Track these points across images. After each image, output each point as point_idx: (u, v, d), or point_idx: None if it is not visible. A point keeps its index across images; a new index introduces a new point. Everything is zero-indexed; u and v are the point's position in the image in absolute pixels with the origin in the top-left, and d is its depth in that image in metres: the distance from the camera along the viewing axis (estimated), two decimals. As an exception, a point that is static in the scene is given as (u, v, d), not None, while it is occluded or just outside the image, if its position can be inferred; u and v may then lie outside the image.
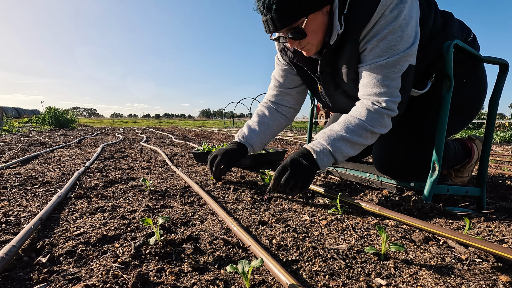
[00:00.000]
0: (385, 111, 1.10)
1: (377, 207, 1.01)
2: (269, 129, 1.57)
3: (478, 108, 1.39)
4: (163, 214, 1.05)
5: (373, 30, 1.07)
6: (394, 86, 1.08)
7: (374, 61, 1.09)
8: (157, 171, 1.92)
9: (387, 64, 1.07)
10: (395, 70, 1.07)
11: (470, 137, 1.54)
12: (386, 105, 1.09)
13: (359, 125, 1.12)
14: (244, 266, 0.58)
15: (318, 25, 1.11)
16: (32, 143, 3.75)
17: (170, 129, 10.79)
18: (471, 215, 1.09)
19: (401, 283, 0.61)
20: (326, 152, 1.13)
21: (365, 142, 1.14)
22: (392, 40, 1.05)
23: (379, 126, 1.11)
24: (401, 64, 1.07)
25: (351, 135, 1.12)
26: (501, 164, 2.62)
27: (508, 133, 6.60)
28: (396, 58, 1.05)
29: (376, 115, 1.10)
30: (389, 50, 1.06)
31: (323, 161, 1.13)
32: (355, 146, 1.14)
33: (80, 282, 0.61)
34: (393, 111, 1.10)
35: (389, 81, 1.08)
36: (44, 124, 10.26)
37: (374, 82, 1.10)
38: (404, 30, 1.04)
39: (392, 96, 1.09)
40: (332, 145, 1.12)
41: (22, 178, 1.64)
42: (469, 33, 1.31)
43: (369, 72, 1.11)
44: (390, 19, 1.03)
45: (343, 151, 1.12)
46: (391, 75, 1.08)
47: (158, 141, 4.54)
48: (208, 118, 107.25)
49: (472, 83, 1.31)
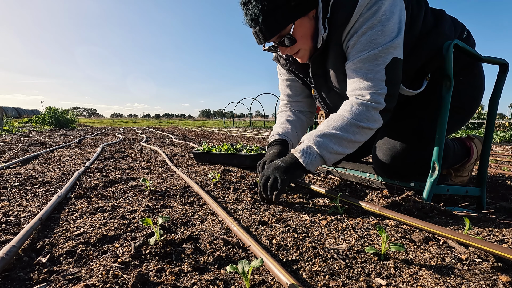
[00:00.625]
0: (370, 103, 1.07)
1: (377, 207, 1.01)
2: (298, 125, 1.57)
3: (476, 106, 1.39)
4: (163, 214, 1.05)
5: (353, 28, 1.08)
6: (378, 78, 1.07)
7: (356, 57, 1.09)
8: (157, 171, 1.92)
9: (369, 57, 1.06)
10: (378, 62, 1.06)
11: (469, 136, 1.54)
12: (370, 97, 1.07)
13: (343, 121, 1.10)
14: (244, 266, 0.58)
15: (306, 30, 1.13)
16: (32, 143, 3.75)
17: (170, 129, 10.79)
18: (471, 215, 1.09)
19: (401, 283, 0.61)
20: (310, 148, 1.12)
21: (353, 138, 1.10)
22: (372, 34, 1.05)
23: (365, 120, 1.09)
24: (384, 56, 1.05)
25: (336, 130, 1.10)
26: (501, 164, 2.62)
27: (508, 133, 6.60)
28: (377, 51, 1.05)
29: (361, 108, 1.08)
30: (370, 44, 1.06)
31: (307, 158, 1.11)
32: (342, 142, 1.11)
33: (80, 282, 0.61)
34: (379, 103, 1.07)
35: (372, 74, 1.07)
36: (44, 124, 10.26)
37: (358, 77, 1.10)
38: (385, 24, 1.04)
39: (376, 88, 1.07)
40: (316, 141, 1.10)
41: (22, 178, 1.64)
42: (463, 29, 1.30)
43: (352, 68, 1.11)
44: (368, 15, 1.05)
45: (328, 147, 1.10)
46: (374, 67, 1.07)
47: (158, 141, 4.54)
48: (208, 118, 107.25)
49: (470, 81, 1.31)
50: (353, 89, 1.12)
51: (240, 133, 7.97)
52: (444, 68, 1.13)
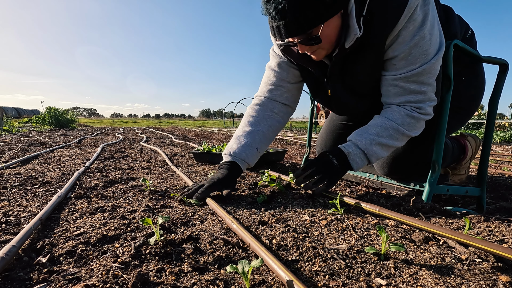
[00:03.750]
0: (423, 116, 1.11)
1: (377, 207, 1.01)
2: (265, 137, 1.35)
3: (476, 106, 1.39)
4: (163, 214, 1.05)
5: (401, 36, 1.01)
6: (431, 90, 1.09)
7: (408, 69, 1.06)
8: (157, 171, 1.92)
9: (423, 71, 1.05)
10: (430, 75, 1.06)
11: (462, 134, 1.56)
12: (425, 111, 1.10)
13: (396, 130, 1.12)
14: (244, 266, 0.58)
15: (332, 30, 1.03)
16: (32, 143, 3.75)
17: (170, 129, 10.79)
18: (471, 215, 1.09)
19: (401, 283, 0.61)
20: (361, 155, 1.15)
21: (399, 145, 1.16)
22: (424, 45, 1.01)
23: (414, 130, 1.13)
24: (435, 68, 1.06)
25: (387, 139, 1.13)
26: (501, 164, 2.62)
27: (508, 133, 6.60)
28: (431, 64, 1.04)
29: (414, 120, 1.11)
30: (422, 56, 1.03)
31: (358, 164, 1.15)
32: (389, 149, 1.16)
33: (80, 282, 0.61)
34: (430, 114, 1.12)
35: (426, 87, 1.08)
36: (44, 124, 10.26)
37: (411, 90, 1.09)
38: (432, 33, 1.01)
39: (429, 101, 1.10)
40: (368, 150, 1.14)
41: (22, 178, 1.64)
42: (468, 29, 1.30)
43: (405, 81, 1.09)
44: (418, 23, 0.98)
45: (378, 155, 1.15)
46: (427, 80, 1.07)
47: (158, 141, 4.54)
48: (208, 118, 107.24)
49: (471, 81, 1.31)
50: (407, 101, 1.12)
51: (240, 133, 7.96)
52: (444, 68, 1.13)
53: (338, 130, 1.65)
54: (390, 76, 1.11)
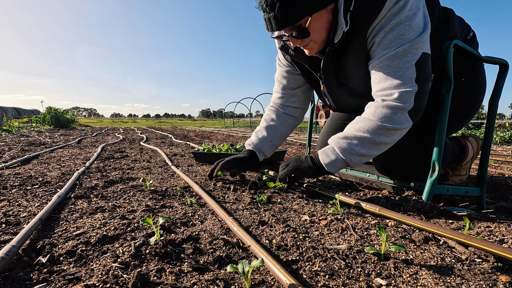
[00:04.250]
0: (396, 104, 1.02)
1: (377, 207, 1.01)
2: (278, 131, 1.57)
3: (477, 106, 1.39)
4: (163, 214, 1.05)
5: (379, 24, 1.03)
6: (408, 75, 1.01)
7: (383, 54, 1.04)
8: (157, 171, 1.92)
9: (397, 54, 1.01)
10: (407, 59, 1.01)
11: (463, 134, 1.56)
12: (398, 96, 1.02)
13: (367, 123, 1.07)
14: (244, 266, 0.58)
15: (322, 24, 1.08)
16: (32, 143, 3.75)
17: (170, 129, 10.79)
18: (471, 215, 1.09)
19: (401, 283, 0.61)
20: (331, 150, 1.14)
21: (377, 140, 1.07)
22: (400, 29, 1.00)
23: (390, 122, 1.04)
24: (413, 52, 1.00)
25: (359, 132, 1.08)
26: (501, 164, 2.62)
27: (508, 133, 6.60)
28: (406, 46, 1.00)
29: (386, 110, 1.04)
30: (398, 39, 1.01)
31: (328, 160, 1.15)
32: (365, 143, 1.08)
33: (80, 282, 0.61)
34: (407, 103, 1.02)
35: (402, 71, 1.01)
36: (44, 124, 10.26)
37: (385, 76, 1.04)
38: (412, 19, 1.00)
39: (406, 87, 1.01)
40: (338, 144, 1.12)
41: (22, 178, 1.64)
42: (469, 30, 1.30)
43: (379, 66, 1.06)
44: (395, 10, 1.00)
45: (351, 149, 1.09)
46: (403, 64, 1.01)
47: (158, 141, 4.54)
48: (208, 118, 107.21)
49: (471, 81, 1.31)
50: (380, 88, 1.07)
51: (240, 133, 7.97)
52: (444, 68, 1.13)
53: (339, 130, 1.64)
54: (371, 63, 1.10)
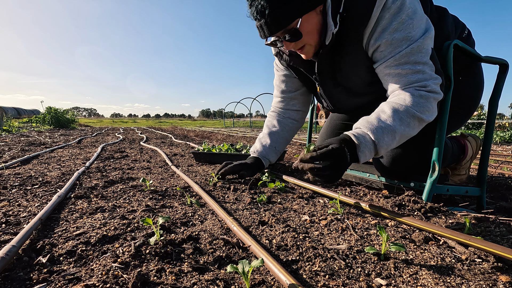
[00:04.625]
0: (431, 94, 1.01)
1: (377, 207, 1.01)
2: (281, 137, 1.61)
3: (475, 105, 1.39)
4: (163, 214, 1.05)
5: (379, 25, 1.03)
6: (428, 69, 1.02)
7: (396, 52, 1.03)
8: (157, 171, 1.92)
9: (412, 51, 1.01)
10: (422, 54, 1.01)
11: (462, 134, 1.56)
12: (431, 88, 1.00)
13: (407, 112, 1.00)
14: (244, 266, 0.58)
15: (313, 25, 1.09)
16: (32, 143, 3.75)
17: (170, 129, 10.79)
18: (471, 215, 1.09)
19: (401, 283, 0.61)
20: (371, 146, 1.00)
21: (411, 133, 1.04)
22: (405, 29, 1.01)
23: (426, 112, 1.01)
24: (426, 47, 1.01)
25: (400, 125, 1.00)
26: (501, 164, 2.62)
27: (508, 133, 6.60)
28: (419, 43, 1.00)
29: (423, 100, 1.00)
30: (407, 39, 1.01)
31: (366, 156, 1.01)
32: (401, 138, 1.03)
33: (80, 282, 0.61)
34: (438, 93, 1.02)
35: (421, 66, 1.01)
36: (44, 124, 10.25)
37: (406, 71, 1.03)
38: (413, 17, 1.00)
39: (432, 78, 1.01)
40: (379, 140, 1.00)
41: (22, 178, 1.64)
42: (464, 28, 1.30)
43: (396, 64, 1.05)
44: (394, 10, 1.00)
45: (389, 145, 1.02)
46: (421, 59, 1.01)
47: (158, 141, 4.54)
48: (208, 118, 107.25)
49: (469, 80, 1.31)
50: (406, 83, 1.04)
51: (240, 133, 7.97)
52: (444, 68, 1.13)
53: (338, 130, 1.65)
54: (382, 64, 1.09)
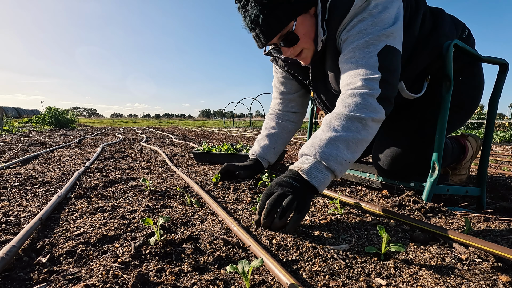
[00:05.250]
0: (363, 91, 0.95)
1: (377, 207, 1.01)
2: (279, 138, 1.63)
3: (475, 105, 1.39)
4: (163, 214, 1.05)
5: (344, 25, 1.06)
6: (370, 64, 0.98)
7: (346, 48, 1.04)
8: (157, 171, 1.92)
9: (358, 45, 1.00)
10: (369, 50, 0.98)
11: (463, 134, 1.56)
12: (362, 83, 0.96)
13: (343, 117, 0.94)
14: (244, 266, 0.58)
15: (308, 27, 1.10)
16: (32, 143, 3.75)
17: (170, 129, 10.79)
18: (471, 215, 1.09)
19: (401, 283, 0.61)
20: (318, 166, 0.90)
21: (359, 136, 0.93)
22: (362, 25, 1.01)
23: (364, 109, 0.94)
24: (375, 44, 0.98)
25: (339, 132, 0.92)
26: (501, 164, 2.62)
27: (508, 133, 6.60)
28: (368, 38, 0.99)
29: (356, 98, 0.96)
30: (360, 33, 1.01)
31: (318, 178, 0.90)
32: (350, 145, 0.92)
33: (80, 282, 0.61)
34: (373, 89, 0.95)
35: (363, 61, 0.99)
36: (44, 124, 10.25)
37: (349, 67, 1.02)
38: (376, 17, 0.99)
39: (369, 74, 0.97)
40: (322, 155, 0.90)
41: (22, 178, 1.64)
42: (464, 29, 1.29)
43: (343, 60, 1.05)
44: (359, 10, 1.02)
45: (337, 157, 0.90)
46: (365, 55, 0.99)
47: (158, 141, 4.54)
48: (208, 118, 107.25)
49: (469, 80, 1.31)
50: (345, 83, 1.02)
51: (240, 133, 7.97)
52: (444, 68, 1.13)
53: None
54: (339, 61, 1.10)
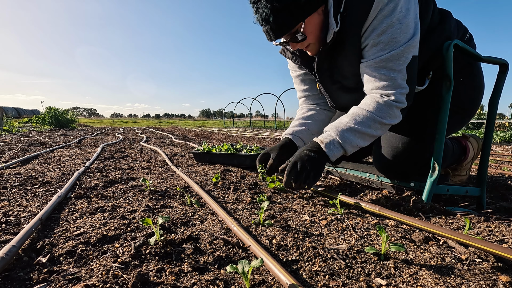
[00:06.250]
0: (394, 103, 1.11)
1: (377, 207, 1.01)
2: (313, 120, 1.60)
3: (475, 106, 1.39)
4: (163, 214, 1.05)
5: (371, 25, 1.08)
6: (400, 78, 1.09)
7: (377, 55, 1.10)
8: (157, 171, 1.92)
9: (392, 57, 1.08)
10: (400, 62, 1.08)
11: (464, 135, 1.56)
12: (395, 98, 1.10)
13: (368, 116, 1.13)
14: (244, 266, 0.58)
15: (315, 25, 1.14)
16: (32, 143, 3.75)
17: (170, 129, 10.80)
18: (471, 215, 1.09)
19: (401, 283, 0.61)
20: (335, 142, 1.15)
21: (375, 133, 1.15)
22: (392, 32, 1.06)
23: (388, 117, 1.12)
24: (405, 56, 1.07)
25: (360, 126, 1.13)
26: (501, 164, 2.62)
27: (508, 133, 6.60)
28: (400, 50, 1.06)
29: (385, 107, 1.11)
30: (391, 43, 1.07)
31: (332, 151, 1.14)
32: (365, 137, 1.15)
33: (80, 282, 0.61)
34: (402, 102, 1.11)
35: (395, 74, 1.09)
36: (44, 124, 10.25)
37: (381, 76, 1.12)
38: (403, 22, 1.05)
39: (400, 88, 1.10)
40: (341, 136, 1.14)
41: (22, 178, 1.64)
42: (466, 32, 1.31)
43: (374, 66, 1.12)
44: (386, 13, 1.05)
45: (352, 142, 1.14)
46: (397, 67, 1.08)
47: (158, 141, 4.54)
48: (208, 118, 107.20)
49: (469, 82, 1.31)
50: (376, 87, 1.14)
51: (240, 133, 7.98)
52: (444, 67, 1.13)
53: None
54: (363, 63, 1.16)
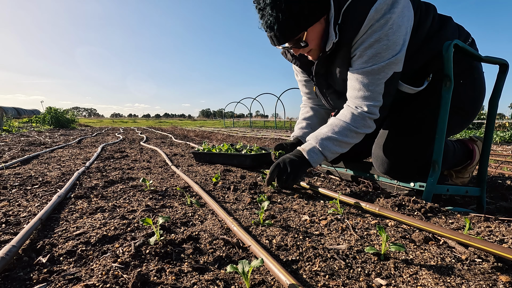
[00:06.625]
0: (367, 114, 1.22)
1: (377, 207, 1.01)
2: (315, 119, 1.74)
3: (476, 108, 1.38)
4: (163, 214, 1.05)
5: (361, 38, 1.14)
6: (377, 91, 1.18)
7: (361, 67, 1.18)
8: (157, 171, 1.92)
9: (373, 71, 1.16)
10: (380, 77, 1.16)
11: (471, 138, 1.53)
12: (368, 109, 1.21)
13: (344, 126, 1.26)
14: (244, 266, 0.58)
15: (317, 34, 1.21)
16: (32, 143, 3.75)
17: (170, 129, 10.80)
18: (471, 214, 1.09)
19: (401, 283, 0.61)
20: (315, 150, 1.29)
21: (351, 141, 1.29)
22: (378, 48, 1.12)
23: (362, 127, 1.25)
24: (386, 71, 1.14)
25: (338, 135, 1.27)
26: (501, 164, 2.62)
27: (508, 133, 6.60)
28: (381, 66, 1.13)
29: (359, 118, 1.24)
30: (375, 57, 1.14)
31: (313, 157, 1.29)
32: (342, 144, 1.29)
33: (80, 282, 0.61)
34: (375, 114, 1.23)
35: (373, 87, 1.18)
36: (44, 124, 10.25)
37: (360, 86, 1.21)
38: (390, 38, 1.10)
39: (375, 101, 1.20)
40: (321, 144, 1.29)
41: (22, 178, 1.64)
42: (468, 36, 1.33)
43: (356, 76, 1.21)
44: (376, 27, 1.10)
45: (331, 149, 1.28)
46: (376, 81, 1.17)
47: (158, 141, 4.54)
48: (208, 118, 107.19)
49: (469, 84, 1.31)
50: (354, 96, 1.24)
51: (240, 133, 7.98)
52: (444, 67, 1.13)
53: None
54: (350, 70, 1.25)
